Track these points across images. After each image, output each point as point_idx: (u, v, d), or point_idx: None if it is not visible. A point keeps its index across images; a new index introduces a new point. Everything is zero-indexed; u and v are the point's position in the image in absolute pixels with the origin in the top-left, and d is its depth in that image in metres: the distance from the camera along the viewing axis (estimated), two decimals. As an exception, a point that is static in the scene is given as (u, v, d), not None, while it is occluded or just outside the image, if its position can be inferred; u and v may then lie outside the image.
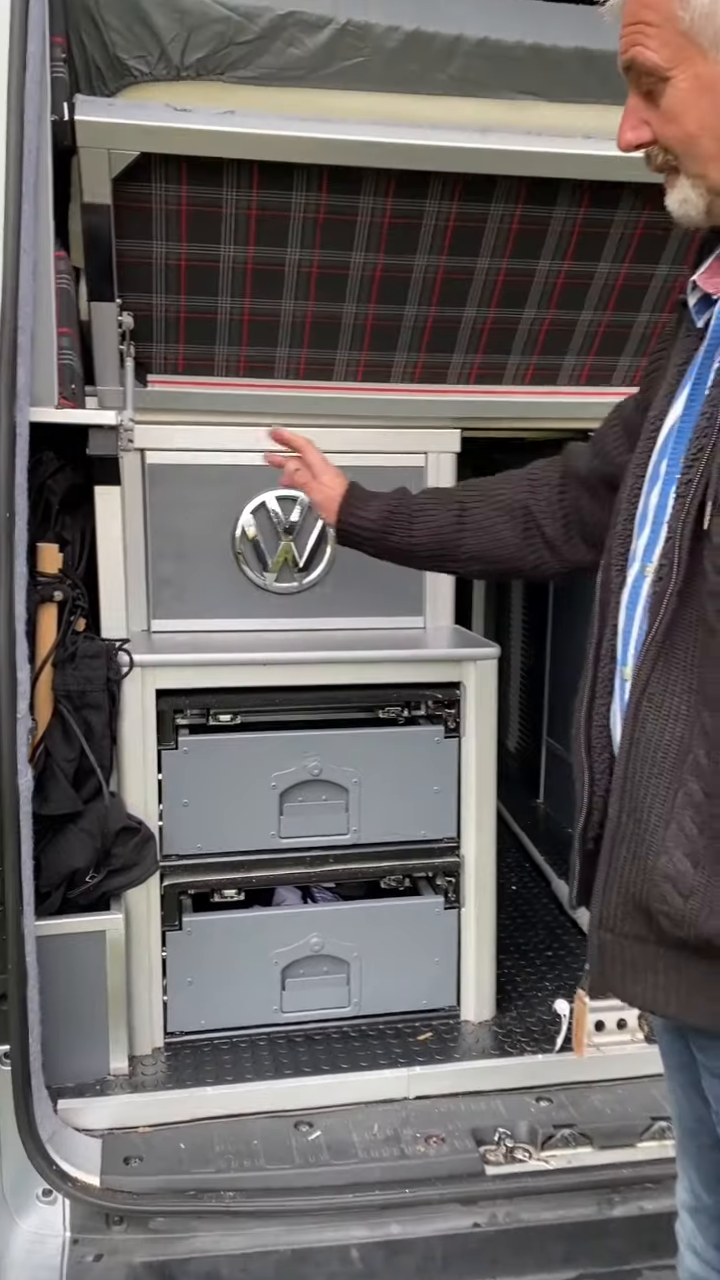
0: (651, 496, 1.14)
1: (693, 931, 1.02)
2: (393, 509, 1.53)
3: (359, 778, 1.90)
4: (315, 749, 1.89)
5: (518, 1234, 1.60)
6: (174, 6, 1.53)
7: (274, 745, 1.88)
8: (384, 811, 1.92)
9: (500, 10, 1.64)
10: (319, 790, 1.90)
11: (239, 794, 1.86)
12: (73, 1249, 1.53)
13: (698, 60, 1.00)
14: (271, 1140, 1.68)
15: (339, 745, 1.90)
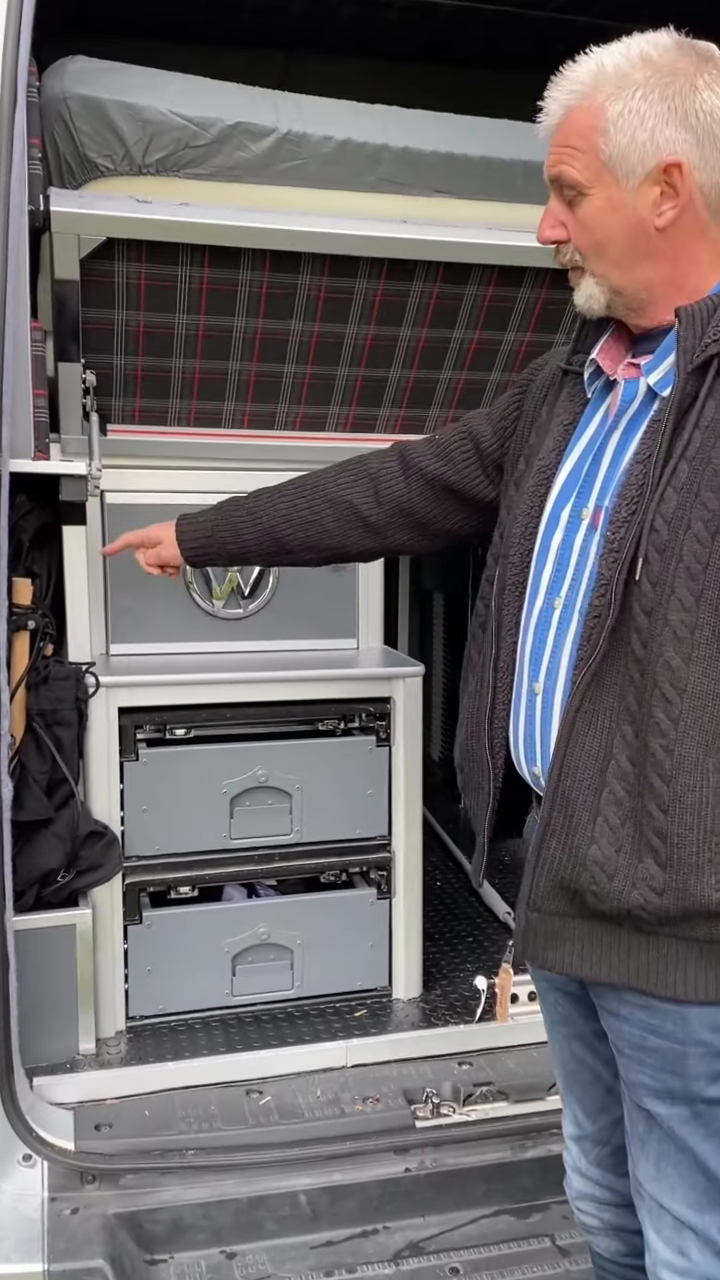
0: (554, 538, 1.33)
1: (615, 904, 1.22)
2: (217, 522, 1.64)
3: (300, 784, 2.12)
4: (261, 758, 2.10)
5: (443, 1177, 1.82)
6: (138, 116, 1.75)
7: (224, 755, 2.09)
8: (323, 813, 2.14)
9: (417, 124, 1.89)
10: (265, 795, 2.11)
11: (193, 800, 2.07)
12: (51, 1205, 1.70)
13: (612, 185, 1.18)
14: (227, 1106, 1.89)
15: (282, 755, 2.11)
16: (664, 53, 1.17)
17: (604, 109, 1.16)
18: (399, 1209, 1.80)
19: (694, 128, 1.15)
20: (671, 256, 1.21)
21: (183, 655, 2.19)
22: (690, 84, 1.15)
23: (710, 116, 1.15)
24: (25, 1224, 1.68)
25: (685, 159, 1.15)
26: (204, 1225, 1.74)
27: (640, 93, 1.15)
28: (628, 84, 1.15)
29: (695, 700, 1.18)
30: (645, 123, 1.15)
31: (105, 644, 2.16)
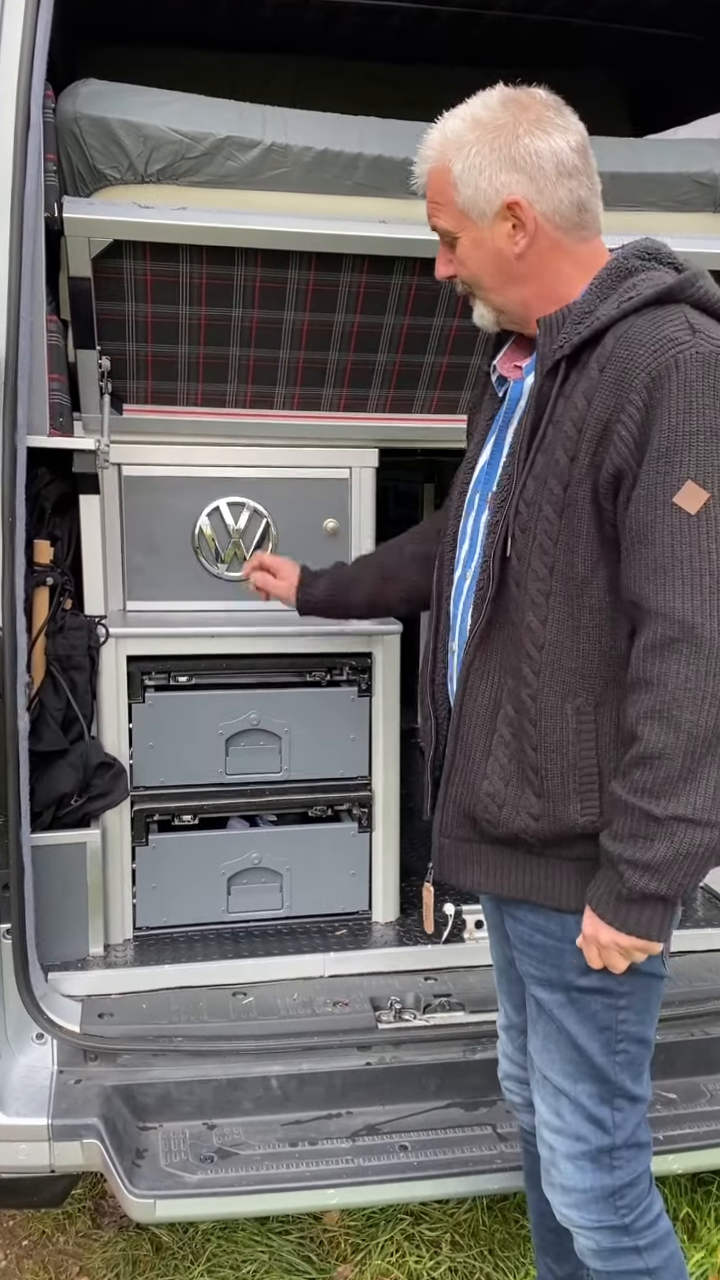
0: (469, 521, 1.60)
1: (505, 830, 1.47)
2: (332, 585, 1.99)
3: (289, 727, 2.35)
4: (255, 704, 2.33)
5: (401, 1071, 2.06)
6: (140, 132, 1.97)
7: (222, 701, 2.33)
8: (310, 755, 2.36)
9: (391, 133, 2.08)
10: (258, 737, 2.33)
11: (193, 739, 2.32)
12: (59, 1076, 1.98)
13: (472, 228, 1.45)
14: (214, 1003, 2.15)
15: (274, 701, 2.34)
16: (490, 112, 1.42)
17: (450, 168, 1.43)
18: (359, 1097, 2.05)
19: (524, 168, 1.40)
20: (536, 275, 1.45)
21: (190, 611, 2.42)
22: (513, 134, 1.40)
23: (536, 156, 1.40)
24: (36, 1089, 1.96)
25: (522, 196, 1.40)
26: (188, 1100, 2.00)
27: (475, 149, 1.41)
28: (464, 144, 1.42)
29: (552, 654, 1.40)
30: (483, 173, 1.40)
31: (123, 600, 2.42)
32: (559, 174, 1.41)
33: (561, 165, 1.41)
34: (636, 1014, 1.50)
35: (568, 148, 1.41)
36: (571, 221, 1.43)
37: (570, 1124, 1.52)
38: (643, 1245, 1.55)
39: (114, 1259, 2.23)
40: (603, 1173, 1.53)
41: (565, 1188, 1.55)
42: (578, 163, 1.42)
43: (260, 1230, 2.26)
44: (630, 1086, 1.53)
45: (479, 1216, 2.28)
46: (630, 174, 2.20)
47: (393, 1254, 2.20)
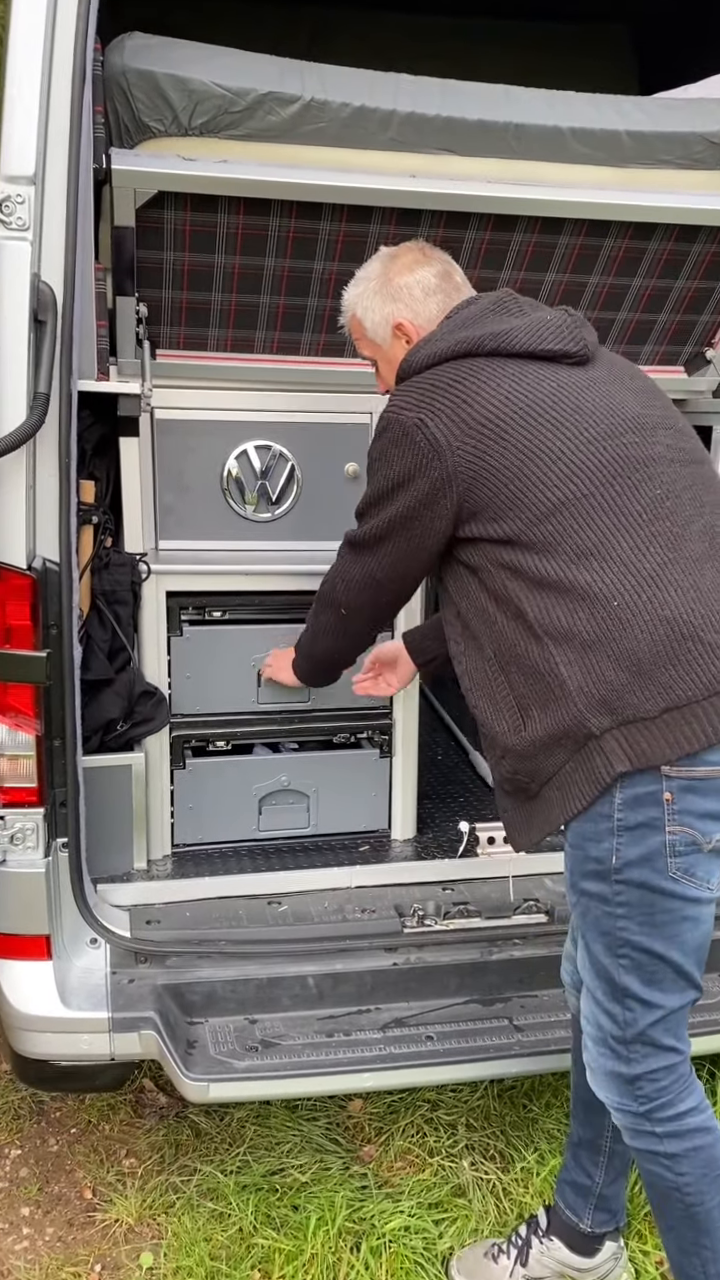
0: None
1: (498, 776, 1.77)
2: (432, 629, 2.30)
3: None
4: (285, 638, 2.49)
5: (424, 970, 2.25)
6: (185, 87, 2.04)
7: (254, 634, 2.45)
8: (336, 686, 2.50)
9: (422, 91, 2.17)
10: None
11: (227, 670, 2.46)
12: (113, 977, 2.14)
13: (381, 350, 1.98)
14: (252, 911, 2.33)
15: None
16: (371, 268, 1.98)
17: (355, 314, 2.00)
18: (387, 994, 2.24)
19: (399, 299, 1.92)
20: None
21: (218, 551, 2.54)
22: (385, 278, 1.94)
23: (406, 288, 1.92)
24: (93, 988, 2.13)
25: (403, 319, 1.92)
26: (232, 998, 2.19)
27: (365, 296, 1.97)
28: (359, 296, 1.98)
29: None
30: (375, 310, 1.95)
31: (155, 539, 2.54)
32: (425, 294, 1.91)
33: (426, 287, 1.91)
34: (638, 925, 1.62)
35: (430, 276, 1.92)
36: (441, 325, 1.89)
37: (593, 1013, 1.71)
38: (661, 1133, 1.69)
39: (158, 1143, 2.43)
40: (619, 1061, 1.69)
41: (592, 1068, 1.74)
42: (440, 284, 1.92)
43: (291, 1117, 2.47)
44: (638, 990, 1.64)
45: (490, 1103, 2.51)
46: (645, 132, 2.30)
47: (413, 1135, 2.42)
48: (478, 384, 1.72)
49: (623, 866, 1.61)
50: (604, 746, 1.61)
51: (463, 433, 1.70)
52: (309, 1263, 2.07)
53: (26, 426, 1.87)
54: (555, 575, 1.65)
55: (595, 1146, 1.98)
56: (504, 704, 1.71)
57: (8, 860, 2.06)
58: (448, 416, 1.71)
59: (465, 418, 1.71)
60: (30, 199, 1.85)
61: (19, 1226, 2.25)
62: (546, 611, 1.65)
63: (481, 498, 1.70)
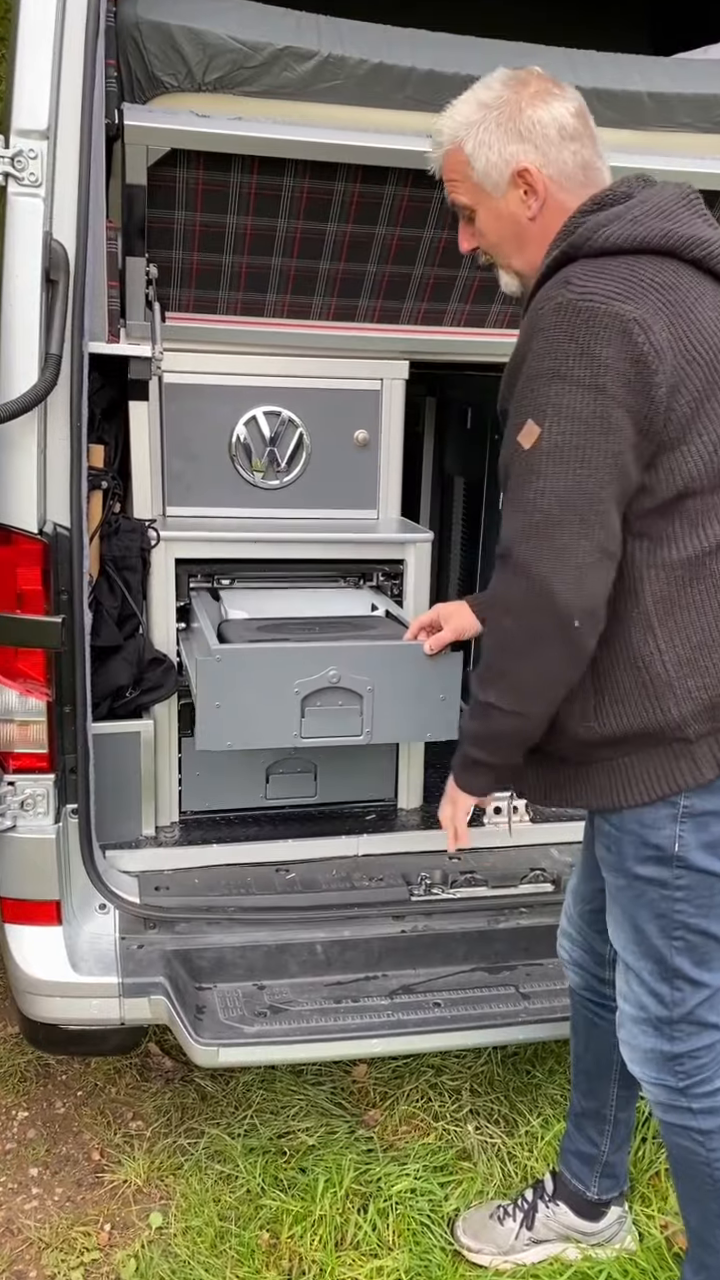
0: None
1: (552, 746, 1.62)
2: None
3: (372, 685, 2.19)
4: (333, 658, 2.35)
5: (431, 938, 2.26)
6: (199, 39, 2.00)
7: (296, 655, 2.25)
8: (393, 712, 2.29)
9: (442, 47, 2.12)
10: (336, 696, 2.30)
11: (265, 697, 2.31)
12: (122, 943, 2.15)
13: (487, 199, 1.61)
14: (260, 878, 2.34)
15: (354, 656, 2.35)
16: (493, 92, 1.59)
17: (463, 147, 1.59)
18: (395, 961, 2.25)
19: (529, 138, 1.55)
20: (546, 236, 1.57)
21: (226, 518, 2.53)
22: (516, 108, 1.56)
23: (539, 125, 1.55)
24: (103, 953, 2.14)
25: (530, 164, 1.55)
26: (240, 963, 2.20)
27: (482, 126, 1.57)
28: (473, 124, 1.58)
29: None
30: (493, 147, 1.56)
31: (162, 505, 2.52)
32: (562, 138, 1.54)
33: (564, 130, 1.55)
34: (695, 907, 1.60)
35: (568, 114, 1.55)
36: (577, 181, 1.56)
37: (635, 993, 1.70)
38: (697, 1109, 1.69)
39: (164, 1106, 2.46)
40: (662, 1040, 1.69)
41: (630, 1045, 1.74)
42: (579, 126, 1.56)
43: (297, 1082, 2.49)
44: (690, 971, 1.63)
45: (494, 1068, 2.53)
46: (667, 94, 2.26)
47: (418, 1100, 2.45)
48: (692, 299, 1.43)
49: (685, 853, 1.58)
50: (695, 752, 1.53)
51: (685, 358, 1.41)
52: (317, 1224, 2.09)
53: (39, 388, 1.85)
54: (696, 553, 1.48)
55: (600, 1116, 2.01)
56: (578, 689, 1.55)
57: (18, 826, 2.06)
58: (669, 328, 1.40)
59: (687, 340, 1.41)
60: (43, 154, 1.81)
61: (28, 1186, 2.27)
62: (670, 597, 1.49)
63: (673, 443, 1.43)
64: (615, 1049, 1.94)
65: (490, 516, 3.55)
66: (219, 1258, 2.05)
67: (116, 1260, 2.07)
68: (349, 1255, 2.05)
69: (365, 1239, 2.08)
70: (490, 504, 3.56)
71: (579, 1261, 2.02)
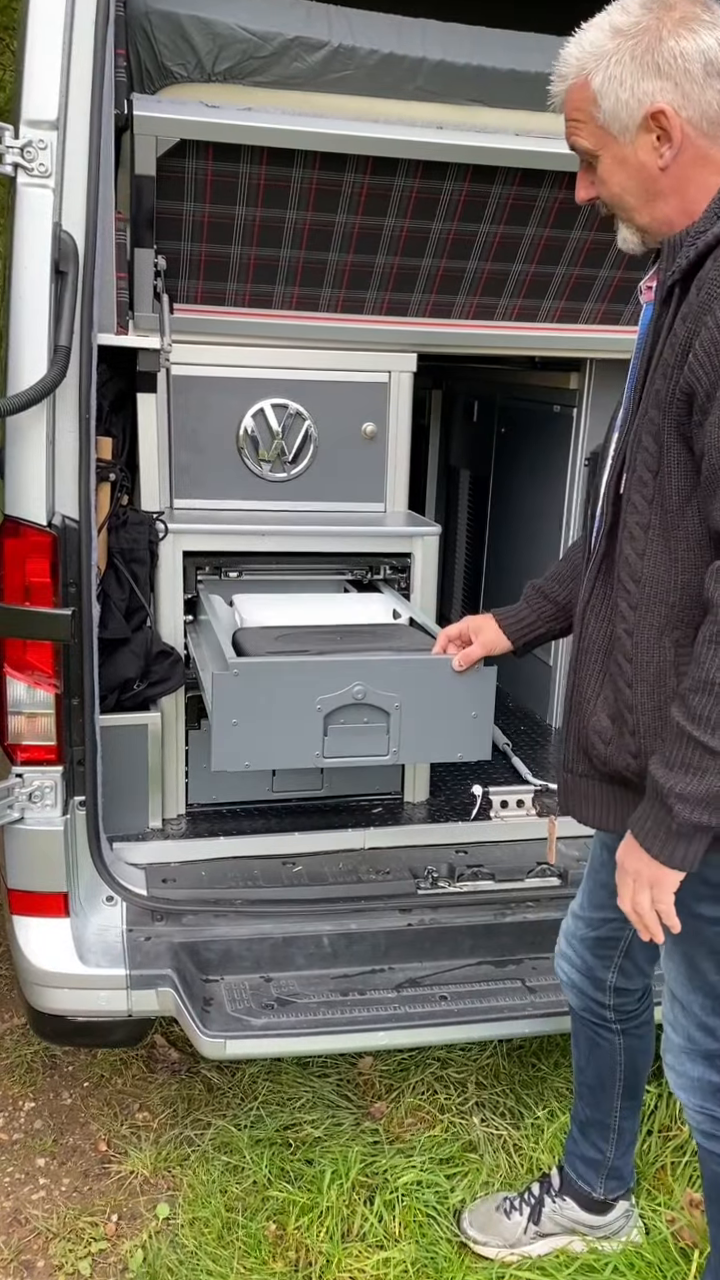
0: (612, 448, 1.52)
1: (611, 767, 1.50)
2: (526, 608, 1.85)
3: (399, 701, 2.24)
4: (358, 672, 2.35)
5: (438, 931, 2.26)
6: (209, 29, 1.99)
7: (318, 670, 2.25)
8: (421, 730, 2.27)
9: (453, 38, 2.11)
10: (360, 712, 2.24)
11: (285, 713, 2.29)
12: (129, 935, 2.15)
13: (614, 144, 1.37)
14: (267, 871, 2.34)
15: (379, 671, 2.34)
16: (630, 17, 1.34)
17: (590, 82, 1.36)
18: (401, 954, 2.25)
19: (668, 74, 1.31)
20: (680, 190, 1.36)
21: (233, 511, 2.53)
22: (656, 38, 1.31)
23: (681, 58, 1.30)
24: (110, 945, 2.14)
25: (667, 105, 1.31)
26: (247, 956, 2.20)
27: (614, 58, 1.33)
28: (603, 55, 1.34)
29: (649, 589, 1.39)
30: (625, 84, 1.32)
31: (169, 498, 2.52)
32: (707, 75, 1.30)
33: (711, 65, 1.30)
34: None
35: (718, 44, 1.30)
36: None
37: (684, 1025, 1.66)
38: None
39: (170, 1098, 2.46)
40: (711, 1071, 1.65)
41: (676, 1070, 1.69)
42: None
43: (302, 1074, 2.50)
44: None
45: (499, 1061, 2.54)
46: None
47: (423, 1093, 2.45)
48: None
49: None
50: None
51: None
52: (324, 1215, 2.10)
53: (47, 380, 1.84)
54: None
55: (604, 1125, 2.00)
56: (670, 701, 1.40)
57: (26, 818, 2.06)
58: None
59: None
60: (52, 145, 1.81)
61: (35, 1177, 2.28)
62: None
63: None
64: (618, 1067, 1.94)
65: (496, 509, 3.56)
66: (226, 1248, 2.06)
67: (124, 1250, 2.08)
68: (355, 1247, 2.06)
69: (372, 1231, 2.08)
70: (496, 496, 3.56)
71: (585, 1255, 2.03)
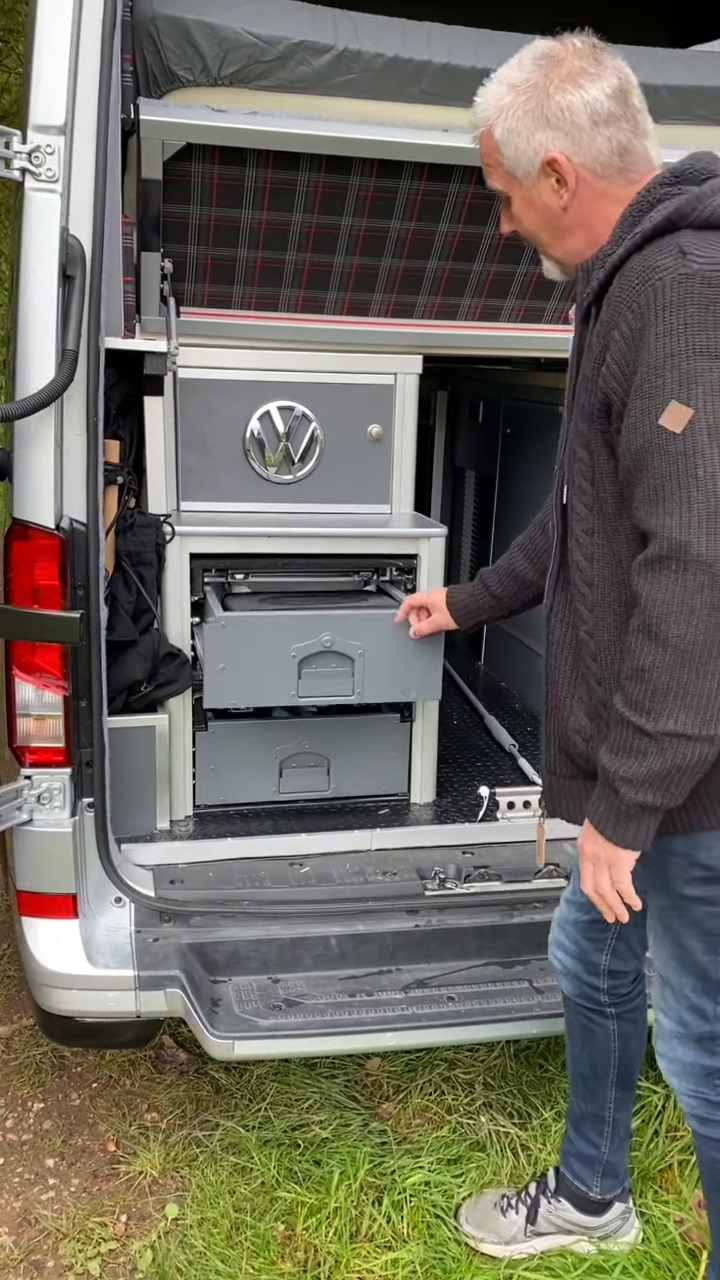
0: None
1: (592, 765, 1.54)
2: (479, 585, 2.10)
3: (362, 649, 2.31)
4: (327, 625, 2.31)
5: (445, 932, 2.27)
6: (215, 34, 1.99)
7: (293, 621, 2.29)
8: (382, 675, 2.35)
9: (458, 41, 2.11)
10: (329, 659, 2.32)
11: (265, 660, 2.30)
12: (137, 936, 2.16)
13: (519, 187, 1.53)
14: (274, 872, 2.35)
15: (346, 623, 2.33)
16: (523, 72, 1.47)
17: (493, 133, 1.50)
18: (409, 955, 2.26)
19: (558, 125, 1.44)
20: (584, 225, 1.50)
21: (240, 513, 2.53)
22: (544, 93, 1.44)
23: (569, 111, 1.44)
24: (118, 946, 2.15)
25: (559, 153, 1.45)
26: (255, 957, 2.21)
27: (510, 112, 1.47)
28: (502, 109, 1.48)
29: (602, 590, 1.48)
30: (521, 135, 1.47)
31: (176, 500, 2.52)
32: (594, 124, 1.43)
33: (596, 115, 1.43)
34: None
35: (603, 96, 1.43)
36: (614, 168, 1.46)
37: (674, 1008, 1.68)
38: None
39: (178, 1098, 2.47)
40: (702, 1054, 1.68)
41: (668, 1057, 1.72)
42: (614, 109, 1.43)
43: (310, 1075, 2.50)
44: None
45: (507, 1062, 2.54)
46: (684, 87, 2.26)
47: (431, 1093, 2.46)
48: None
49: None
50: None
51: None
52: (332, 1216, 2.11)
53: (55, 384, 1.85)
54: None
55: (598, 1119, 2.01)
56: None
57: (34, 820, 2.07)
58: None
59: None
60: (60, 149, 1.82)
61: (44, 1177, 2.29)
62: None
63: None
64: (612, 1054, 1.96)
65: (502, 509, 3.56)
66: (234, 1249, 2.06)
67: (133, 1250, 2.09)
68: (364, 1247, 2.06)
69: (380, 1231, 2.09)
70: (502, 496, 3.56)
71: (593, 1255, 2.03)
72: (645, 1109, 2.30)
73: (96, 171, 1.87)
